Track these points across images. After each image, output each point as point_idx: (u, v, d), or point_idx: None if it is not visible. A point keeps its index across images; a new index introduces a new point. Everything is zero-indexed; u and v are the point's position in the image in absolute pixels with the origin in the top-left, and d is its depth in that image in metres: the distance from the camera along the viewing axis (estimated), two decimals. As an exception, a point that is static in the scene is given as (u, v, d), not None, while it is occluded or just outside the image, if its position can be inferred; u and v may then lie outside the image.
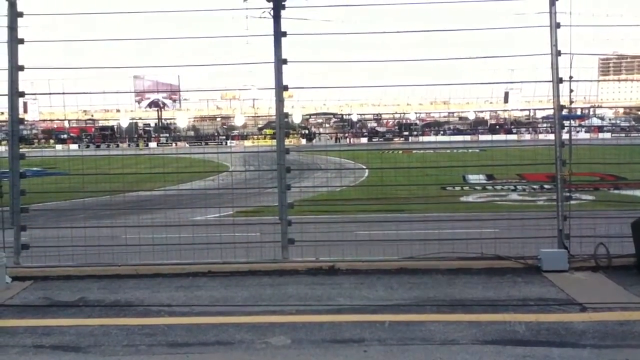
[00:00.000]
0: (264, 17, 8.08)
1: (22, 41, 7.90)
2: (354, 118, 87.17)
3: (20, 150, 8.16)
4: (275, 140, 8.34)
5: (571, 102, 8.19)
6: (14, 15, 7.84)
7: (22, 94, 8.13)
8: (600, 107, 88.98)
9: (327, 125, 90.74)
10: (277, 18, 7.92)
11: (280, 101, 8.09)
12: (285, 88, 8.05)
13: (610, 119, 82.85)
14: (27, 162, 8.40)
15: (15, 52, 7.87)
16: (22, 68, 7.94)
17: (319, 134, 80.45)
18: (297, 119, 72.91)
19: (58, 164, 19.21)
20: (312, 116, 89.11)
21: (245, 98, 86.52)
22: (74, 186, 11.25)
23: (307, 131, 78.36)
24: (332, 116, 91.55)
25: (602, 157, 10.09)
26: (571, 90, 7.93)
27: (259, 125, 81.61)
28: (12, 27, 7.83)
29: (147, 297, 6.86)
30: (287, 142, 8.28)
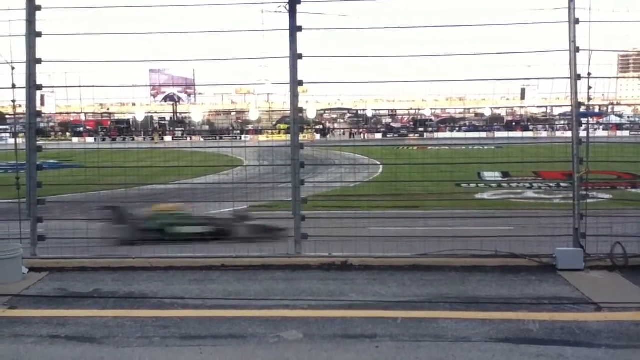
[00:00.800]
0: (280, 12, 8.08)
1: (39, 34, 7.97)
2: (369, 114, 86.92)
3: (38, 142, 8.24)
4: (289, 135, 8.33)
5: (589, 99, 8.09)
6: (32, 8, 7.91)
7: (40, 87, 8.21)
8: (619, 104, 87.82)
9: (341, 120, 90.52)
10: (292, 12, 7.91)
11: (295, 96, 8.08)
12: (300, 83, 8.04)
13: (629, 117, 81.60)
14: (44, 155, 8.50)
15: (33, 45, 7.94)
16: (39, 61, 8.01)
17: (334, 129, 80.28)
18: (311, 114, 72.80)
19: (74, 156, 19.43)
20: (326, 111, 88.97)
21: (259, 93, 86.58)
22: (90, 179, 11.35)
23: (321, 126, 78.23)
24: (346, 112, 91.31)
25: (620, 156, 9.97)
26: (589, 87, 7.83)
27: (275, 120, 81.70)
28: (30, 21, 7.91)
29: (160, 290, 6.92)
30: (301, 137, 8.26)
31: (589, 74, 7.71)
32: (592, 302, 6.27)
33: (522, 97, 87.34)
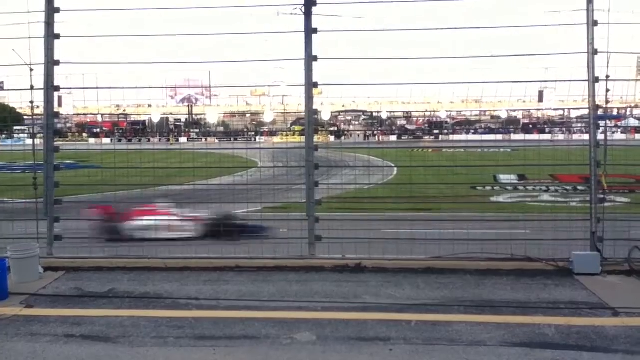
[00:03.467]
0: (295, 14, 8.08)
1: (58, 36, 8.08)
2: (384, 116, 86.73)
3: (55, 143, 8.33)
4: (303, 137, 8.33)
5: (607, 102, 7.99)
6: (50, 10, 8.02)
7: (58, 88, 8.30)
8: (638, 107, 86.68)
9: (356, 122, 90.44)
10: (308, 15, 7.92)
11: (309, 98, 8.09)
12: (315, 85, 8.04)
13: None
14: (61, 155, 8.58)
15: (51, 46, 8.04)
16: (57, 63, 8.11)
17: (348, 131, 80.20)
18: (326, 115, 72.89)
19: (91, 157, 19.62)
20: (341, 113, 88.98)
21: (274, 94, 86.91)
22: (106, 179, 11.44)
23: (335, 128, 78.23)
24: (361, 113, 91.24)
25: (639, 159, 9.83)
26: (608, 90, 7.74)
27: (289, 122, 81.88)
28: (49, 23, 8.01)
29: (175, 290, 6.95)
30: (315, 139, 8.26)
31: (607, 76, 7.63)
32: (609, 307, 6.19)
33: (540, 100, 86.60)
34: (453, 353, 5.06)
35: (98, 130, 75.41)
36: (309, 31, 7.91)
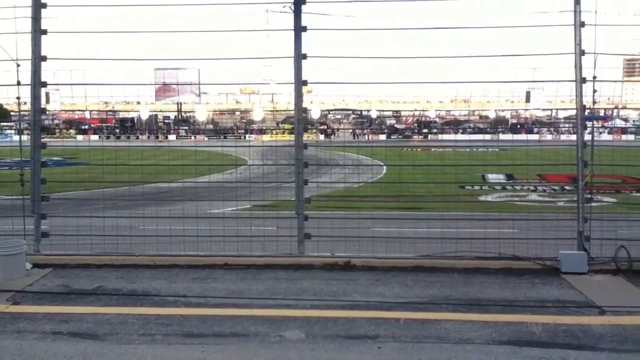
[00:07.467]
0: (285, 12, 8.07)
1: (45, 32, 8.00)
2: (373, 115, 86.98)
3: (42, 139, 8.26)
4: (293, 135, 8.33)
5: (594, 102, 8.06)
6: (37, 6, 7.94)
7: (45, 84, 8.21)
8: (625, 108, 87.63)
9: (345, 121, 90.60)
10: (297, 13, 7.90)
11: (299, 96, 8.08)
12: (305, 83, 8.03)
13: (634, 121, 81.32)
14: (48, 152, 8.51)
15: (38, 42, 7.96)
16: (44, 58, 8.03)
17: (338, 129, 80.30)
18: (315, 114, 72.98)
19: (78, 154, 19.50)
20: (330, 112, 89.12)
21: (264, 92, 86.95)
22: (94, 176, 11.37)
23: (325, 127, 78.30)
24: (351, 112, 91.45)
25: (625, 159, 9.92)
26: (595, 91, 7.80)
27: (279, 120, 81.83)
28: (36, 18, 7.93)
29: (163, 288, 6.92)
30: (305, 137, 8.26)
31: (594, 77, 7.69)
32: (596, 305, 6.25)
33: (527, 100, 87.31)
34: (441, 351, 5.09)
35: (86, 126, 74.92)
36: (299, 29, 7.89)
